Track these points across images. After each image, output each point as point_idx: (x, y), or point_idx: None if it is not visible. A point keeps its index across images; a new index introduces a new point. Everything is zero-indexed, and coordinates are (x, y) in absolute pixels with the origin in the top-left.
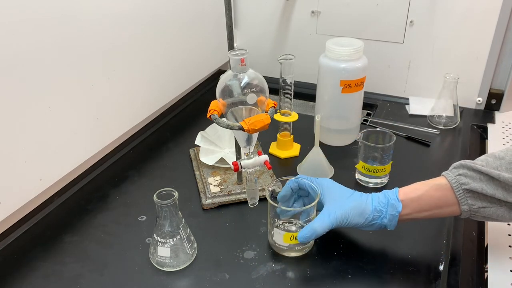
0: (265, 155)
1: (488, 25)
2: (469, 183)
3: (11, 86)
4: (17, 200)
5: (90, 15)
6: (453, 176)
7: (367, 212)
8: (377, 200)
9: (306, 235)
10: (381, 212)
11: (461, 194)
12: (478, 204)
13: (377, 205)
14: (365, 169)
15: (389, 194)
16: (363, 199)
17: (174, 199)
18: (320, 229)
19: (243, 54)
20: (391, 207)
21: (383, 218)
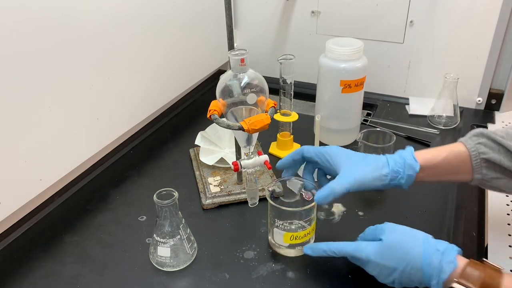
0: (265, 155)
1: (488, 25)
2: (488, 153)
3: (11, 86)
4: (17, 200)
5: (90, 15)
6: (472, 144)
7: (384, 173)
8: (393, 161)
9: (323, 195)
10: (398, 172)
11: (478, 163)
12: (491, 174)
13: (394, 166)
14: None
15: (405, 154)
16: (379, 162)
17: (174, 199)
18: (338, 189)
19: (243, 54)
20: (408, 167)
21: (400, 179)
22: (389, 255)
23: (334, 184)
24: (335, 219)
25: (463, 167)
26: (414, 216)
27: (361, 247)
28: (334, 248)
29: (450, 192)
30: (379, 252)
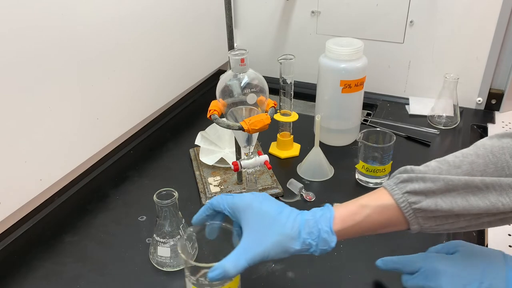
0: (265, 155)
1: (488, 25)
2: (420, 201)
3: (11, 86)
4: (17, 200)
5: (90, 15)
6: (400, 193)
7: (293, 246)
8: (306, 231)
9: (215, 276)
10: (310, 245)
11: (411, 214)
12: (430, 223)
13: (306, 238)
14: (365, 169)
15: (322, 223)
16: (288, 231)
17: (174, 199)
18: (232, 271)
19: (243, 54)
20: (323, 242)
21: (314, 251)
22: (469, 265)
23: (228, 265)
24: None
25: (394, 220)
26: None
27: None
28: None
29: None
30: (457, 262)
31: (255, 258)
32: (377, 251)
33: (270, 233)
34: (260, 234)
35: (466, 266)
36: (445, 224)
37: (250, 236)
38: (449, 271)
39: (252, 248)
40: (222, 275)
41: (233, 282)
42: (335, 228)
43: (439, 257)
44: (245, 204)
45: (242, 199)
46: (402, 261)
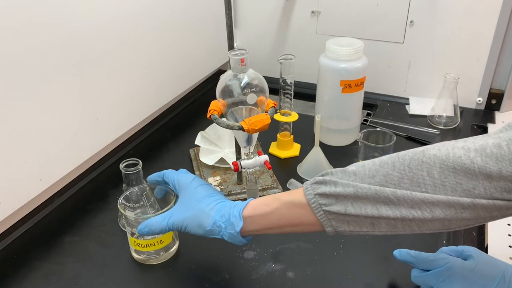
0: (265, 155)
1: (488, 25)
2: (330, 204)
3: (11, 86)
4: (17, 200)
5: (91, 15)
6: (312, 194)
7: (205, 224)
8: (219, 214)
9: (142, 229)
10: (220, 227)
11: (322, 215)
12: (344, 227)
13: (218, 219)
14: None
15: (234, 209)
16: (207, 209)
17: (138, 167)
18: (155, 228)
19: (243, 54)
20: (230, 225)
21: (222, 234)
22: (485, 275)
23: (153, 221)
24: None
25: (305, 218)
26: None
27: (449, 259)
28: (421, 256)
29: None
30: (473, 270)
31: (175, 223)
32: (377, 251)
33: (192, 207)
34: (186, 206)
35: (482, 276)
36: (359, 230)
37: (178, 206)
38: (464, 277)
39: (175, 215)
40: (147, 230)
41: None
42: (244, 213)
43: (455, 260)
44: (186, 181)
45: (186, 177)
46: (418, 257)
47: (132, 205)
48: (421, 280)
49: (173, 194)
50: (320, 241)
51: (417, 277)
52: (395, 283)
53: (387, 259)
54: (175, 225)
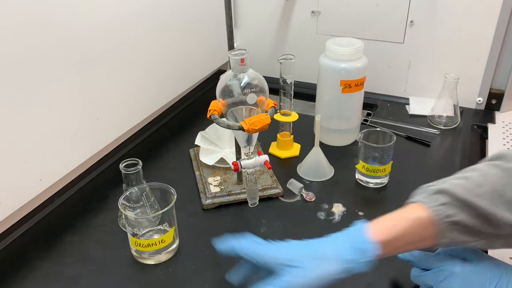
0: (265, 155)
1: (488, 25)
2: (455, 215)
3: (11, 86)
4: (17, 200)
5: (90, 15)
6: (434, 205)
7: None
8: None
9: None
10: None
11: (444, 227)
12: (461, 238)
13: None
14: (365, 169)
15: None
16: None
17: (138, 167)
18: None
19: (243, 54)
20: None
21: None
22: (482, 275)
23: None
24: (335, 219)
25: (427, 234)
26: None
27: (449, 259)
28: (421, 255)
29: None
30: (472, 270)
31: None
32: None
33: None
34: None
35: (481, 276)
36: (472, 242)
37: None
38: (464, 277)
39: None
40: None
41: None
42: (376, 238)
43: (455, 260)
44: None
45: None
46: (418, 256)
47: (132, 205)
48: (421, 280)
49: (173, 194)
50: None
51: (416, 276)
52: (396, 283)
53: (388, 259)
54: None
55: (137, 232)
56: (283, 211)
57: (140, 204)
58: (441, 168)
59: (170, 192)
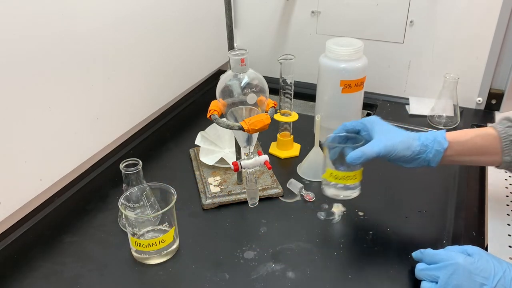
0: (265, 155)
1: (488, 25)
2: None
3: (11, 86)
4: (17, 200)
5: (91, 15)
6: (502, 127)
7: (414, 145)
8: (424, 136)
9: (355, 156)
10: (427, 146)
11: (507, 144)
12: None
13: (424, 140)
14: (334, 177)
15: (436, 133)
16: (411, 135)
17: (138, 167)
18: (369, 152)
19: (243, 54)
20: (438, 143)
21: (429, 153)
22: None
23: (366, 148)
24: (335, 219)
25: (491, 149)
26: (414, 216)
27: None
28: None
29: (450, 192)
30: (476, 262)
31: (386, 146)
32: (377, 251)
33: (397, 135)
34: (389, 134)
35: (485, 270)
36: None
37: (381, 136)
38: (468, 271)
39: (383, 141)
40: (361, 155)
41: (166, 235)
42: (447, 137)
43: (460, 255)
44: (376, 119)
45: (372, 117)
46: (424, 253)
47: (132, 205)
48: (426, 273)
49: (173, 194)
50: (320, 241)
51: (421, 270)
52: (396, 283)
53: (388, 259)
54: (388, 148)
55: (137, 232)
56: (283, 211)
57: (140, 204)
58: (441, 168)
59: (170, 192)
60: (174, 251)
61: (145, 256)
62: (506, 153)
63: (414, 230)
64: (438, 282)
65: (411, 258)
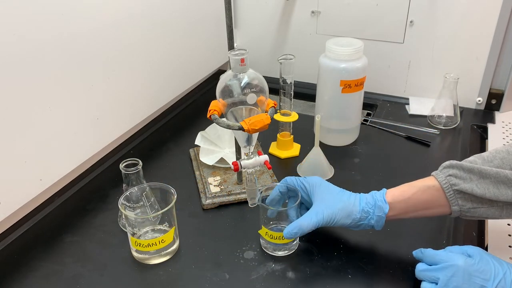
0: (265, 155)
1: (488, 25)
2: (459, 184)
3: (11, 86)
4: (17, 200)
5: (91, 15)
6: (443, 177)
7: (354, 213)
8: (364, 201)
9: (291, 231)
10: (368, 213)
11: (452, 195)
12: (468, 205)
13: (365, 206)
14: (269, 236)
15: (377, 195)
16: (351, 200)
17: (138, 167)
18: (306, 226)
19: (243, 54)
20: (378, 209)
21: (370, 219)
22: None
23: (302, 221)
24: None
25: (437, 202)
26: None
27: (455, 255)
28: (305, 227)
29: None
30: (477, 263)
31: (325, 218)
32: (377, 251)
33: (337, 202)
34: (328, 201)
35: (485, 271)
36: (480, 208)
37: (320, 202)
38: (468, 272)
39: (322, 211)
40: (297, 231)
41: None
42: (387, 200)
43: (461, 256)
44: (316, 181)
45: (313, 178)
46: (425, 253)
47: (132, 205)
48: (426, 274)
49: (173, 194)
50: (320, 241)
51: (422, 271)
52: (396, 283)
53: (388, 259)
54: (325, 219)
55: (137, 232)
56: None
57: (140, 204)
58: None
59: (170, 192)
60: (174, 251)
61: (145, 256)
62: (453, 203)
63: (414, 230)
64: (438, 283)
65: (411, 258)
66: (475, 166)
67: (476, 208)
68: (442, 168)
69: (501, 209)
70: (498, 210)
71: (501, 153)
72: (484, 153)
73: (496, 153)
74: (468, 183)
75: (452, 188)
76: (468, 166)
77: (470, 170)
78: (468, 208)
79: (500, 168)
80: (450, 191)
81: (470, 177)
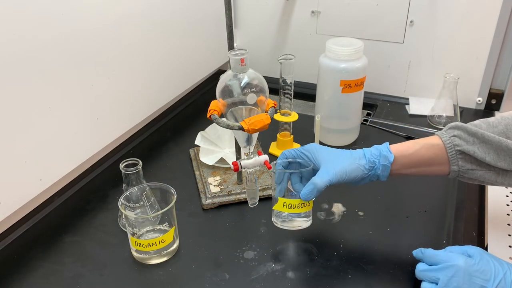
0: (265, 155)
1: (488, 25)
2: (462, 145)
3: (11, 86)
4: (17, 200)
5: (91, 15)
6: (447, 136)
7: (362, 164)
8: (369, 153)
9: (307, 191)
10: (374, 163)
11: (454, 155)
12: (467, 166)
13: (370, 157)
14: (287, 206)
15: (380, 147)
16: (356, 155)
17: (138, 167)
18: (320, 184)
19: (243, 54)
20: (383, 158)
21: (377, 168)
22: (487, 268)
23: (317, 179)
24: (335, 219)
25: (438, 159)
26: (414, 216)
27: (455, 255)
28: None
29: (450, 192)
30: (477, 264)
31: (337, 173)
32: (377, 251)
33: (343, 158)
34: (335, 160)
35: (485, 272)
36: (478, 170)
37: (328, 163)
38: (469, 272)
39: (332, 168)
40: (313, 188)
41: (166, 235)
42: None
43: (461, 256)
44: (315, 147)
45: (310, 146)
46: (425, 253)
47: (132, 205)
48: (427, 274)
49: (173, 194)
50: (320, 241)
51: (422, 271)
52: (396, 283)
53: (388, 259)
54: (337, 176)
55: (137, 232)
56: None
57: (140, 204)
58: None
59: (170, 192)
60: (174, 251)
61: (145, 256)
62: (453, 162)
63: (414, 230)
64: (438, 283)
65: (411, 258)
66: (479, 130)
67: (474, 170)
68: (447, 128)
69: (497, 174)
70: (494, 175)
71: (506, 120)
72: (490, 118)
73: (502, 119)
74: (470, 146)
75: (455, 148)
76: (473, 130)
77: (473, 134)
78: (466, 169)
79: (503, 134)
80: (453, 151)
81: (473, 140)
